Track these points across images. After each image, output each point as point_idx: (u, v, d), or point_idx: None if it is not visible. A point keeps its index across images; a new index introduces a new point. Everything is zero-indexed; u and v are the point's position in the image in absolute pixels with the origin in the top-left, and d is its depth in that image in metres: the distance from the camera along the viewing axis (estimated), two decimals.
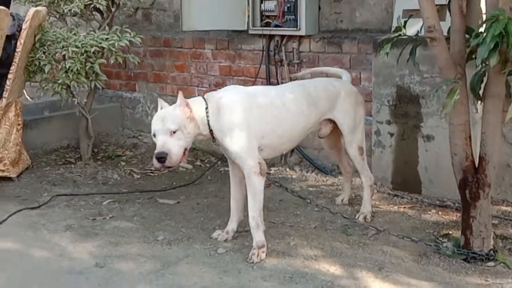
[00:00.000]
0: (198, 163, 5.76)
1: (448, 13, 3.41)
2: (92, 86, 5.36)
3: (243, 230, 3.79)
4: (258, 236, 3.47)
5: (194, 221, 4.12)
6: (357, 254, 3.47)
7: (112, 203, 4.52)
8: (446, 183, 4.13)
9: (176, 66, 6.17)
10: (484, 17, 3.20)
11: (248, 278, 3.19)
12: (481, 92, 3.29)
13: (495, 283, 3.09)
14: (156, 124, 3.35)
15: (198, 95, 6.02)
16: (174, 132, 3.31)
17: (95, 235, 3.87)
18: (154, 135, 3.35)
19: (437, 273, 3.23)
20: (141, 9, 6.35)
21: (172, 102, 3.23)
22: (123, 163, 5.63)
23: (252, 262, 3.38)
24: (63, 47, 4.97)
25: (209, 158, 5.77)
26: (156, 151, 3.31)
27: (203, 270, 3.32)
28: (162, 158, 3.27)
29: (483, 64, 3.16)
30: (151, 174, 5.39)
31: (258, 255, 3.41)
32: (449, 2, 3.33)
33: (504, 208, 4.10)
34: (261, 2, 5.22)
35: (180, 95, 3.41)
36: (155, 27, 6.35)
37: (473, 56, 3.05)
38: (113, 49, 5.17)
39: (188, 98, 3.45)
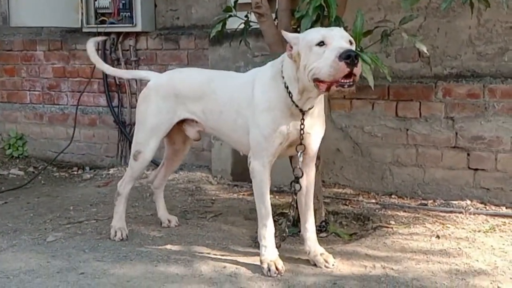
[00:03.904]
0: (31, 169, 5.44)
1: None
2: None
3: None
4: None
5: (23, 217, 3.85)
6: (195, 233, 3.42)
7: None
8: (283, 171, 4.21)
9: (6, 69, 5.79)
10: None
11: (79, 260, 3.00)
12: None
13: (326, 248, 3.17)
14: (331, 30, 2.65)
15: (30, 100, 5.74)
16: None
17: None
18: (321, 43, 2.56)
19: None
20: None
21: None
22: None
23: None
24: None
25: (42, 165, 5.47)
26: (343, 50, 2.47)
27: (29, 257, 3.07)
28: (356, 56, 2.48)
29: None
30: None
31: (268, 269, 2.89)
32: None
33: (336, 190, 4.29)
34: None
35: None
36: None
37: (298, 30, 3.17)
38: None
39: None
